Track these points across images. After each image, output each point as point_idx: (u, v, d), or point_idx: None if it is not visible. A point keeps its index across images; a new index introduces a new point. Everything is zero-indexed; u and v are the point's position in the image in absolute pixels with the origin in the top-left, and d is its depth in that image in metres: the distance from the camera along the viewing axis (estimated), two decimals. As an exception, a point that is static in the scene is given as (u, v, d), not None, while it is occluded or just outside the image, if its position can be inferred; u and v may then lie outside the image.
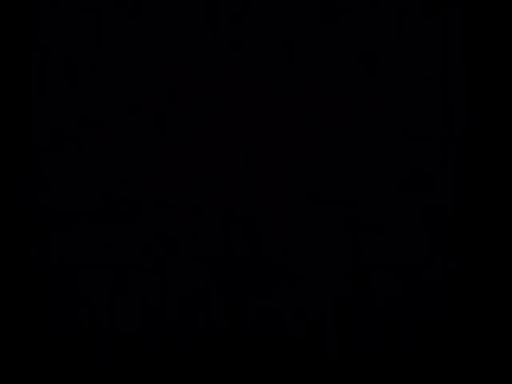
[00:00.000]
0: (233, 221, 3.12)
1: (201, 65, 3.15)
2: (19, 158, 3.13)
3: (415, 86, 3.14)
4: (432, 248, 3.11)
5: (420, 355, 3.08)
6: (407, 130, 3.13)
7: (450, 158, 3.13)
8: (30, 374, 3.08)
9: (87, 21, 3.16)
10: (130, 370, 3.09)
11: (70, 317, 3.10)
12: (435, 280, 3.10)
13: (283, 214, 3.12)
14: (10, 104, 3.13)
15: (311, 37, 3.15)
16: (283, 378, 3.08)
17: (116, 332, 3.10)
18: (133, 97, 3.15)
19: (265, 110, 3.14)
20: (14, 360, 3.08)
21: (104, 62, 3.16)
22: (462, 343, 3.08)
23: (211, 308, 3.10)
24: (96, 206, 3.12)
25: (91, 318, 3.10)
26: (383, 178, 3.13)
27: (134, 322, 3.10)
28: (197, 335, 3.09)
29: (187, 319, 3.10)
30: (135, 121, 3.15)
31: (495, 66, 3.13)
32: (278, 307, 3.10)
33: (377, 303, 3.09)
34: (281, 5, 3.16)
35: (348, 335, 3.09)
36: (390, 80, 3.14)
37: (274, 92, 3.15)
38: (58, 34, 3.16)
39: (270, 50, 3.16)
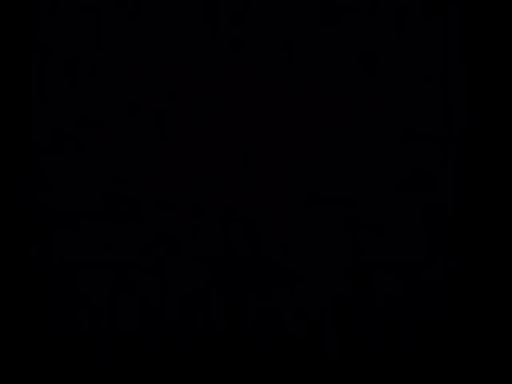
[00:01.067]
0: (233, 221, 3.12)
1: (201, 65, 3.15)
2: (19, 157, 3.13)
3: (415, 86, 3.14)
4: (432, 248, 3.11)
5: (420, 355, 3.08)
6: (407, 130, 3.13)
7: (450, 158, 3.13)
8: (30, 373, 3.08)
9: (87, 21, 3.16)
10: (130, 370, 3.09)
11: (69, 317, 3.10)
12: (435, 280, 3.10)
13: (283, 213, 3.12)
14: (10, 104, 3.13)
15: (311, 37, 3.15)
16: (283, 378, 3.08)
17: (116, 332, 3.10)
18: (133, 97, 3.15)
19: (265, 110, 3.14)
20: (14, 360, 3.08)
21: (104, 62, 3.16)
22: (462, 343, 3.08)
23: (211, 308, 3.10)
24: (96, 206, 3.12)
25: (91, 317, 3.10)
26: (383, 178, 3.13)
27: (134, 321, 3.10)
28: (197, 335, 3.10)
29: (187, 319, 3.10)
30: (135, 121, 3.15)
31: (495, 65, 3.13)
32: (278, 307, 3.10)
33: (377, 303, 3.09)
34: (281, 5, 3.16)
35: (348, 335, 3.09)
36: (390, 80, 3.14)
37: (274, 92, 3.15)
38: (58, 33, 3.16)
39: (270, 50, 3.16)
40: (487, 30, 3.13)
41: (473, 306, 3.08)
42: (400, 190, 3.12)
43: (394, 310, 3.09)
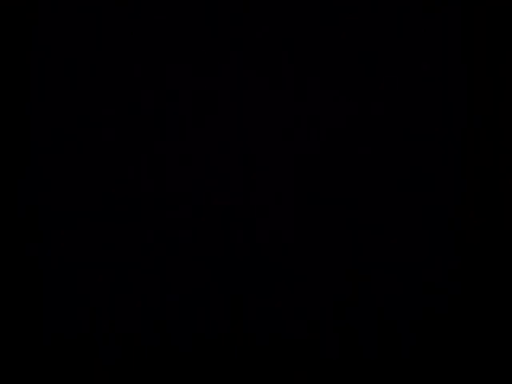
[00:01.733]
0: (233, 221, 3.12)
1: (201, 65, 3.15)
2: (19, 157, 3.13)
3: (415, 86, 3.14)
4: (432, 248, 3.11)
5: (420, 355, 3.08)
6: (407, 130, 3.13)
7: (450, 158, 3.13)
8: (30, 373, 3.08)
9: (87, 21, 3.16)
10: (130, 370, 3.09)
11: (69, 317, 3.10)
12: (435, 280, 3.10)
13: (283, 213, 3.12)
14: (10, 104, 3.13)
15: (311, 37, 3.15)
16: (283, 378, 3.08)
17: (116, 332, 3.10)
18: (133, 97, 3.15)
19: (265, 110, 3.14)
20: (14, 360, 3.08)
21: (104, 62, 3.16)
22: (462, 343, 3.08)
23: (211, 308, 3.10)
24: (96, 206, 3.12)
25: (91, 317, 3.10)
26: (383, 178, 3.13)
27: (134, 321, 3.10)
28: (197, 335, 3.09)
29: (187, 319, 3.10)
30: (135, 121, 3.15)
31: (495, 65, 3.13)
32: (278, 307, 3.10)
33: (377, 303, 3.09)
34: (281, 5, 3.16)
35: (348, 335, 3.09)
36: (390, 80, 3.14)
37: (274, 92, 3.15)
38: (57, 33, 3.16)
39: (270, 50, 3.16)
40: (487, 30, 3.13)
41: (473, 306, 3.08)
42: (400, 190, 3.12)
43: (394, 309, 3.09)
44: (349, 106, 3.14)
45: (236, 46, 3.15)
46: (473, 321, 3.08)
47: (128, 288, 3.11)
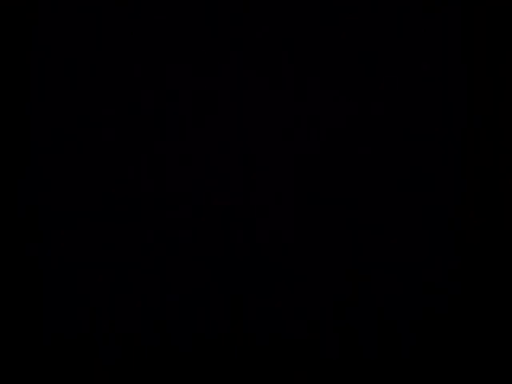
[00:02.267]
0: (233, 221, 3.12)
1: (201, 65, 3.15)
2: (19, 157, 3.13)
3: (415, 85, 3.14)
4: (432, 248, 3.11)
5: (420, 355, 3.08)
6: (407, 130, 3.13)
7: (450, 158, 3.13)
8: (30, 373, 3.08)
9: (87, 21, 3.16)
10: (130, 370, 3.09)
11: (70, 317, 3.10)
12: (435, 280, 3.10)
13: (283, 213, 3.12)
14: (10, 104, 3.13)
15: (311, 37, 3.15)
16: (283, 378, 3.08)
17: (116, 332, 3.10)
18: (133, 97, 3.15)
19: (265, 110, 3.14)
20: (14, 360, 3.08)
21: (104, 62, 3.16)
22: (462, 343, 3.08)
23: (211, 308, 3.10)
24: (96, 206, 3.12)
25: (91, 317, 3.10)
26: (383, 178, 3.13)
27: (134, 321, 3.10)
28: (197, 335, 3.10)
29: (187, 319, 3.10)
30: (135, 121, 3.15)
31: (495, 65, 3.13)
32: (278, 307, 3.10)
33: (377, 303, 3.09)
34: (281, 5, 3.16)
35: (348, 335, 3.09)
36: (390, 80, 3.14)
37: (274, 92, 3.15)
38: (57, 33, 3.16)
39: (270, 50, 3.16)
40: (487, 30, 3.13)
41: (473, 306, 3.08)
42: (400, 190, 3.12)
43: (394, 309, 3.09)
44: (349, 106, 3.14)
45: (236, 45, 3.15)
46: (473, 321, 3.08)
47: (128, 288, 3.11)
